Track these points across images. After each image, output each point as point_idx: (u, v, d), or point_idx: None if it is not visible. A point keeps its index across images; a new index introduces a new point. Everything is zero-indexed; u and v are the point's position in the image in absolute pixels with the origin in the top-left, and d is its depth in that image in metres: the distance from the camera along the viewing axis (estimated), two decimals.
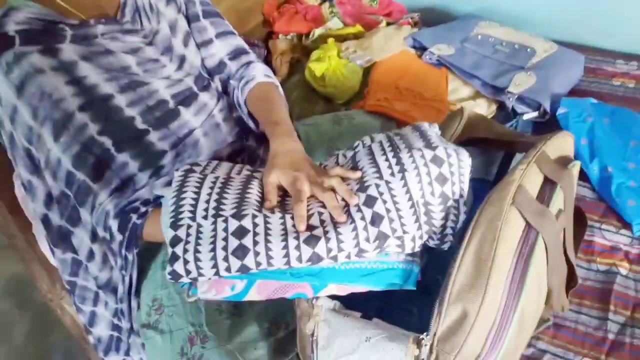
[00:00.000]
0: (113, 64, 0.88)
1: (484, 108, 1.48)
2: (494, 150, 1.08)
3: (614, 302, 1.08)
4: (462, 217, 0.80)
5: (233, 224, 0.72)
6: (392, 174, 0.75)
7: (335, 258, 0.71)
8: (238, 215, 0.73)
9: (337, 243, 0.71)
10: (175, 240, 0.72)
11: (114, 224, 0.88)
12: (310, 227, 0.74)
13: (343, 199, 0.75)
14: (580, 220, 1.18)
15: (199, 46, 1.01)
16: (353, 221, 0.73)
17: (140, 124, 0.90)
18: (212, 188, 0.77)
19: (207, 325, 0.92)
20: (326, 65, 1.54)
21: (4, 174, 1.05)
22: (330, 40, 1.62)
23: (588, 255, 1.17)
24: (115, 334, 1.03)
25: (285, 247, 0.71)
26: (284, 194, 0.81)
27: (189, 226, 0.72)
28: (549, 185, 0.84)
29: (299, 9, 1.83)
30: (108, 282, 0.99)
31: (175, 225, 0.72)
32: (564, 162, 0.89)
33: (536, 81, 1.46)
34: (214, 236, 0.72)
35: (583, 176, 1.30)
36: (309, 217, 0.74)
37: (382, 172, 0.76)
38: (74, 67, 0.84)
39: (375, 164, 0.77)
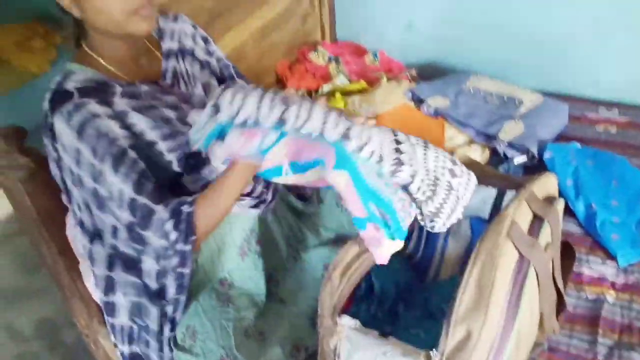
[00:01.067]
0: (157, 115, 1.01)
1: (478, 153, 1.62)
2: (487, 191, 1.20)
3: (602, 327, 1.17)
4: (458, 215, 0.93)
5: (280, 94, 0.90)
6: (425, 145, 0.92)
7: (360, 148, 0.85)
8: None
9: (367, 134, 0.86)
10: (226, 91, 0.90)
11: (168, 224, 0.95)
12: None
13: None
14: (569, 253, 1.28)
15: None
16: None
17: (176, 168, 1.03)
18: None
19: (236, 348, 1.03)
20: None
21: (58, 215, 1.14)
22: (338, 95, 1.78)
23: (578, 285, 1.27)
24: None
25: (326, 114, 0.86)
26: None
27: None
28: (537, 220, 0.94)
29: (309, 68, 2.00)
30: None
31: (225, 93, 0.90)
32: (549, 200, 1.00)
33: (524, 129, 1.61)
34: (262, 94, 0.89)
35: (570, 213, 1.42)
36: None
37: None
38: (124, 116, 0.97)
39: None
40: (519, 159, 1.57)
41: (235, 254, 1.14)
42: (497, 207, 1.19)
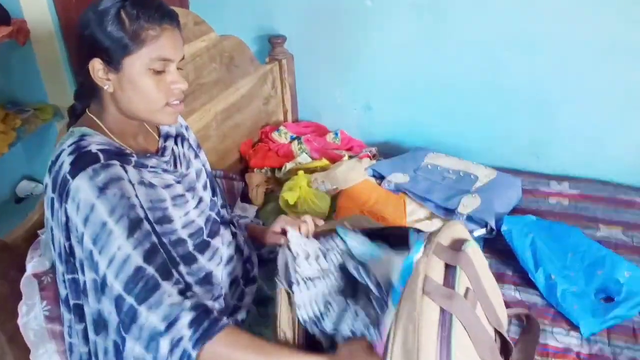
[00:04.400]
0: (153, 196, 1.01)
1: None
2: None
3: None
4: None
5: None
6: None
7: None
8: None
9: None
10: None
11: (185, 317, 0.90)
12: None
13: None
14: (533, 326, 1.29)
15: (214, 193, 1.23)
16: None
17: (173, 253, 1.02)
18: None
19: None
20: (298, 194, 1.71)
21: (10, 302, 1.08)
22: (300, 172, 1.81)
23: (544, 357, 1.27)
24: None
25: None
26: None
27: None
28: (450, 269, 0.93)
29: (272, 147, 2.04)
30: None
31: None
32: (458, 245, 0.98)
33: (481, 202, 1.66)
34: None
35: (532, 285, 1.44)
36: None
37: None
38: (135, 188, 0.97)
39: None
40: (478, 232, 1.61)
41: None
42: None
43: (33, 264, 1.13)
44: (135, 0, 0.95)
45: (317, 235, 1.17)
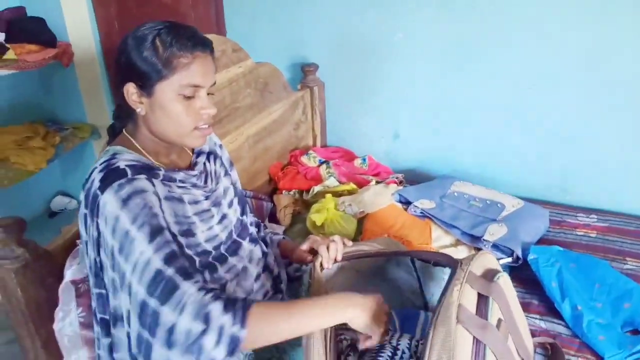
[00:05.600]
0: (179, 210, 1.05)
1: (464, 254, 1.66)
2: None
3: None
4: None
5: None
6: None
7: None
8: None
9: None
10: None
11: (217, 307, 0.89)
12: None
13: None
14: (558, 355, 1.29)
15: (243, 212, 1.27)
16: None
17: (196, 263, 1.05)
18: None
19: None
20: (325, 216, 1.74)
21: (46, 308, 1.14)
22: (328, 195, 1.84)
23: None
24: None
25: None
26: None
27: None
28: (483, 299, 0.93)
29: (300, 170, 2.09)
30: None
31: None
32: (490, 276, 0.99)
33: (507, 231, 1.66)
34: None
35: (557, 314, 1.43)
36: None
37: None
38: (160, 201, 1.01)
39: None
40: (504, 261, 1.61)
41: None
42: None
43: (72, 271, 1.17)
44: (171, 28, 1.00)
45: (346, 257, 1.20)
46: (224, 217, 1.17)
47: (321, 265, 1.18)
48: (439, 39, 2.04)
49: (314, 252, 1.22)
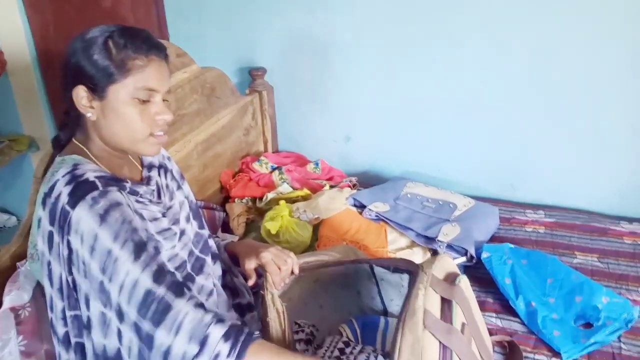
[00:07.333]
0: (144, 226, 0.99)
1: (420, 256, 1.66)
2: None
3: None
4: None
5: None
6: None
7: None
8: None
9: None
10: None
11: (215, 331, 0.86)
12: None
13: None
14: (516, 353, 1.31)
15: (201, 225, 1.21)
16: None
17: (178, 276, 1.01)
18: None
19: None
20: (279, 223, 1.71)
21: None
22: (282, 202, 1.81)
23: None
24: None
25: None
26: None
27: None
28: (446, 304, 0.94)
29: (252, 177, 2.04)
30: None
31: None
32: (451, 279, 1.00)
33: (460, 231, 1.68)
34: None
35: (512, 312, 1.45)
36: None
37: None
38: (134, 212, 0.96)
39: None
40: (459, 260, 1.62)
41: None
42: None
43: (11, 297, 1.09)
44: (124, 30, 0.96)
45: (305, 268, 1.18)
46: (182, 233, 1.11)
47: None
48: (388, 40, 2.04)
49: (259, 272, 1.16)
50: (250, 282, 1.14)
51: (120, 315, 0.89)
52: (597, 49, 1.79)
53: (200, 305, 0.89)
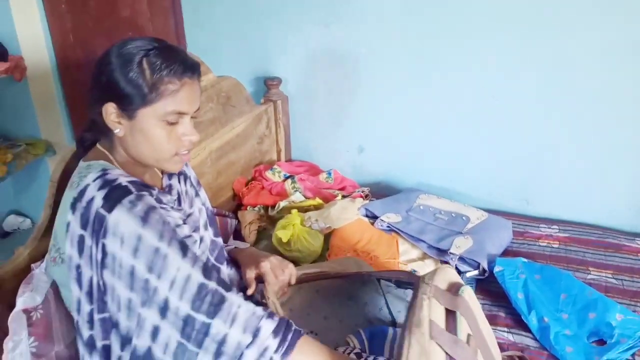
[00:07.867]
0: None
1: (431, 267, 1.65)
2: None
3: None
4: None
5: None
6: None
7: None
8: None
9: None
10: None
11: (267, 325, 0.91)
12: None
13: None
14: None
15: (216, 233, 1.22)
16: None
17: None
18: None
19: None
20: (291, 232, 1.71)
21: None
22: (294, 211, 1.81)
23: None
24: None
25: None
26: None
27: None
28: (451, 315, 0.93)
29: (265, 185, 2.05)
30: None
31: None
32: (454, 290, 0.99)
33: (473, 243, 1.67)
34: None
35: (525, 327, 1.44)
36: None
37: None
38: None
39: None
40: (471, 273, 1.61)
41: None
42: None
43: (24, 299, 1.10)
44: (162, 49, 0.95)
45: (305, 278, 1.18)
46: (201, 241, 1.12)
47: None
48: (402, 54, 2.05)
49: (260, 279, 1.17)
50: (250, 291, 1.14)
51: (164, 311, 0.90)
52: (613, 62, 1.78)
53: (249, 300, 0.93)
